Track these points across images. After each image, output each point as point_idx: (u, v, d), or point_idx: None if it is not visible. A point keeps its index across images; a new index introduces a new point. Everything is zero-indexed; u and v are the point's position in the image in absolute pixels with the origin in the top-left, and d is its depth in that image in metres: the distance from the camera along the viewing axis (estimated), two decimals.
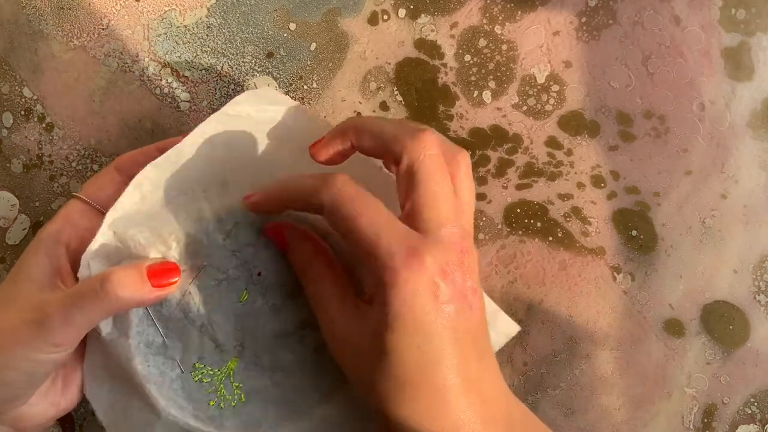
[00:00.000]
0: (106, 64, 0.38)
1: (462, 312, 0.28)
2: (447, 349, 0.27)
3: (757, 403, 0.37)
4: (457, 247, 0.28)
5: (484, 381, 0.28)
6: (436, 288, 0.27)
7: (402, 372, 0.27)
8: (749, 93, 0.36)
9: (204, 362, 0.32)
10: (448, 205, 0.28)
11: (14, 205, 0.39)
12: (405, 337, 0.27)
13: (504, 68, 0.37)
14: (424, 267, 0.27)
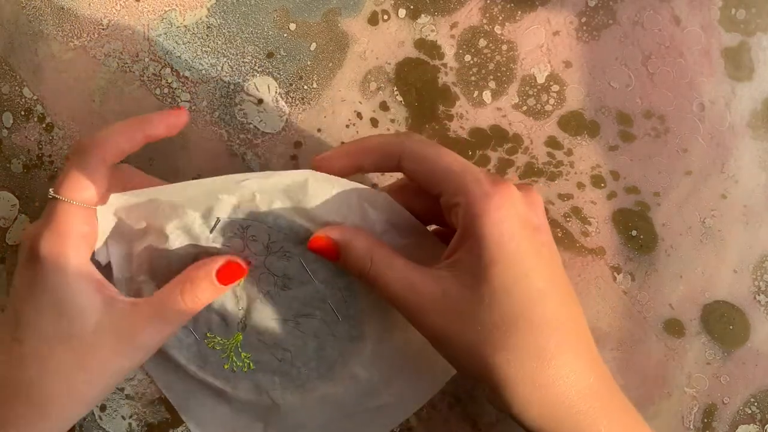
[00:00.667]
0: (106, 64, 0.38)
1: (551, 244, 0.27)
2: (553, 278, 0.27)
3: (757, 403, 0.37)
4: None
5: (581, 316, 0.28)
6: (527, 216, 0.27)
7: (510, 307, 0.26)
8: (749, 93, 0.36)
9: (213, 333, 0.35)
10: None
11: (14, 205, 0.39)
12: (509, 268, 0.26)
13: (504, 68, 0.37)
14: (513, 193, 0.26)
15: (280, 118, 0.38)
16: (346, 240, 0.30)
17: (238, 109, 0.38)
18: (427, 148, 0.29)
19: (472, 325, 0.26)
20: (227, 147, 0.38)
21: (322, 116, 0.38)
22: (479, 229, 0.26)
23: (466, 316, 0.27)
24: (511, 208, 0.26)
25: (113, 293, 0.31)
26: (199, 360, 0.35)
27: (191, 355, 0.35)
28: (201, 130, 0.38)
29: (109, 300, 0.31)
